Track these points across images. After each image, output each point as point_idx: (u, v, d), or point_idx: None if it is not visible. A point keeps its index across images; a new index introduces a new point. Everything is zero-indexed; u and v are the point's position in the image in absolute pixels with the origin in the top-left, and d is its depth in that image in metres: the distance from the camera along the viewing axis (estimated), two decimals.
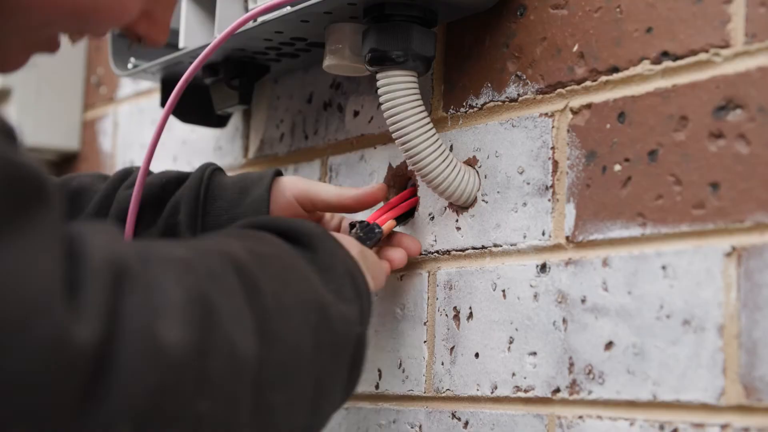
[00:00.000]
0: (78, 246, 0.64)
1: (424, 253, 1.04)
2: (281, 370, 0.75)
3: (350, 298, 0.84)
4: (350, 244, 0.92)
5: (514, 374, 0.93)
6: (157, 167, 1.09)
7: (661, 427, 0.83)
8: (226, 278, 0.73)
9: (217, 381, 0.68)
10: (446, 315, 1.00)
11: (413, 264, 1.05)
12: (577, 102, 0.92)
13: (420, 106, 0.98)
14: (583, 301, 0.89)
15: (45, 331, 0.59)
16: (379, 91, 0.98)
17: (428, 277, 1.03)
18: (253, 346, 0.72)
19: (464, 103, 1.02)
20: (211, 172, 1.05)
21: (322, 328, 0.79)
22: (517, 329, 0.94)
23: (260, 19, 1.03)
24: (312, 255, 0.84)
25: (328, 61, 1.03)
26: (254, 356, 0.71)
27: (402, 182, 1.08)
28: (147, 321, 0.65)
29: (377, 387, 1.06)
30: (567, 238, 0.91)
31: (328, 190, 1.03)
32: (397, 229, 1.05)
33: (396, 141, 0.99)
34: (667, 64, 0.86)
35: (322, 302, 0.81)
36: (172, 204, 1.04)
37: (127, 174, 1.08)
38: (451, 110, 1.03)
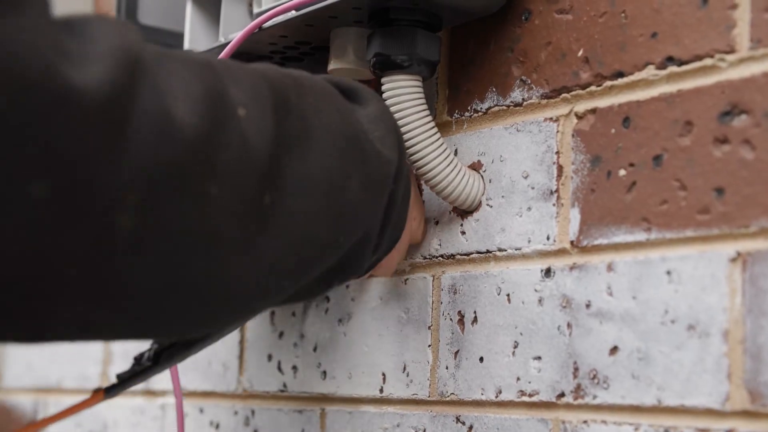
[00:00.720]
0: (83, 26, 0.63)
1: (428, 257, 1.04)
2: (298, 179, 0.74)
3: (391, 146, 0.84)
4: None
5: (518, 379, 0.93)
6: None
7: None
8: (251, 85, 0.73)
9: (227, 170, 0.68)
10: (451, 319, 1.00)
11: (418, 268, 1.05)
12: (581, 107, 0.92)
13: (425, 110, 0.98)
14: (587, 305, 0.89)
15: (50, 84, 0.59)
16: (384, 96, 0.98)
17: (433, 281, 1.03)
18: (268, 148, 0.71)
19: (469, 108, 1.02)
20: None
21: (351, 155, 0.78)
22: (521, 334, 0.94)
23: (264, 24, 1.03)
24: (361, 106, 0.85)
25: (332, 65, 1.03)
26: (268, 156, 0.71)
27: None
28: (161, 99, 0.64)
29: (381, 391, 1.06)
30: (572, 242, 0.91)
31: None
32: None
33: None
34: (672, 69, 0.86)
35: (356, 134, 0.80)
36: None
37: None
38: (455, 114, 1.03)
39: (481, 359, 0.97)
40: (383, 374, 1.06)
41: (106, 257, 0.65)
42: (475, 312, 0.98)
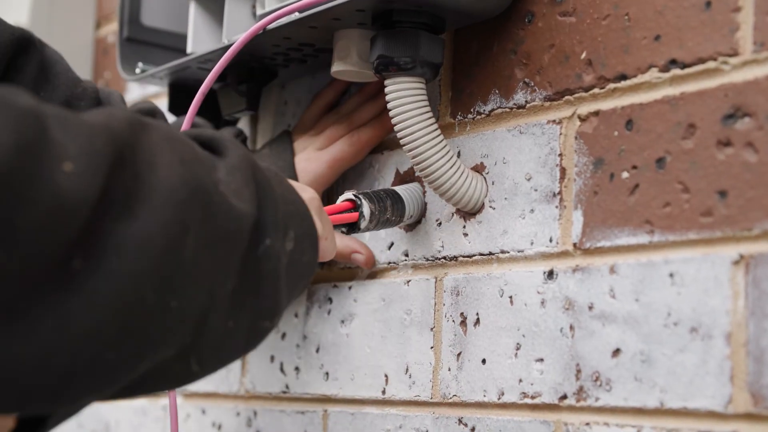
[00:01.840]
0: None
1: (431, 258, 1.04)
2: (123, 241, 0.65)
3: (248, 199, 0.74)
4: (301, 187, 0.84)
5: (521, 380, 0.94)
6: None
7: None
8: (87, 136, 0.64)
9: (27, 232, 0.60)
10: (453, 321, 1.01)
11: (420, 270, 1.05)
12: (584, 109, 0.92)
13: (428, 112, 0.98)
14: (590, 308, 0.89)
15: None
16: (387, 98, 0.98)
17: (435, 282, 1.03)
18: (88, 210, 0.63)
19: (472, 110, 1.02)
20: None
21: (192, 210, 0.69)
22: (524, 335, 0.94)
23: (268, 26, 1.03)
24: (220, 157, 0.76)
25: (336, 67, 1.03)
26: (84, 219, 0.63)
27: None
28: None
29: (384, 392, 1.06)
30: (574, 244, 0.91)
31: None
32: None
33: (404, 147, 0.99)
34: (675, 71, 0.86)
35: (203, 187, 0.70)
36: None
37: None
38: (458, 116, 1.03)
39: (484, 361, 0.97)
40: (386, 376, 1.06)
41: None
42: (477, 314, 0.98)
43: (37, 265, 0.61)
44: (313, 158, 1.11)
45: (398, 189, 1.05)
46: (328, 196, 1.15)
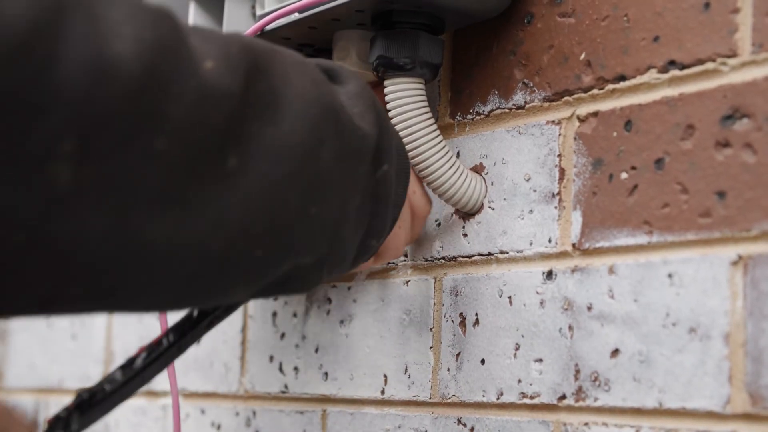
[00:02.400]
0: None
1: (430, 259, 1.04)
2: (268, 143, 0.68)
3: (370, 122, 0.80)
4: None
5: (519, 381, 0.94)
6: None
7: None
8: (223, 42, 0.67)
9: (177, 124, 0.62)
10: (452, 321, 1.01)
11: (419, 270, 1.05)
12: (584, 110, 0.92)
13: (427, 112, 0.99)
14: (589, 308, 0.89)
15: None
16: (387, 98, 0.98)
17: (434, 283, 1.03)
18: (233, 108, 0.65)
19: (471, 110, 1.02)
20: None
21: (324, 124, 0.73)
22: (523, 336, 0.94)
23: (268, 26, 1.03)
24: (341, 84, 0.81)
25: None
26: (230, 116, 0.65)
27: None
28: (96, 37, 0.58)
29: (383, 392, 1.06)
30: (573, 245, 0.92)
31: None
32: None
33: None
34: (674, 72, 0.86)
35: (332, 104, 0.75)
36: None
37: None
38: (457, 117, 1.03)
39: (483, 361, 0.97)
40: (385, 376, 1.07)
41: (48, 216, 0.59)
42: (476, 314, 0.99)
43: (195, 152, 0.64)
44: None
45: None
46: None
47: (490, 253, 0.98)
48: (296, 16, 1.00)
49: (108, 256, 0.63)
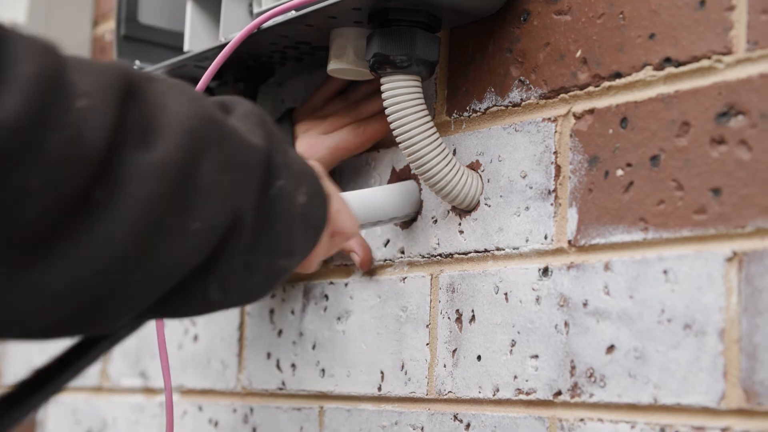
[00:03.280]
0: None
1: (427, 256, 1.04)
2: (141, 168, 0.68)
3: (259, 135, 0.77)
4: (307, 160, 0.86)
5: (516, 377, 0.94)
6: None
7: (662, 431, 0.83)
8: (98, 72, 0.68)
9: (51, 162, 0.64)
10: (449, 318, 1.01)
11: (416, 267, 1.05)
12: (579, 107, 0.93)
13: (423, 110, 0.99)
14: (584, 304, 0.90)
15: None
16: (383, 96, 0.99)
17: (431, 279, 1.04)
18: (106, 140, 0.66)
19: (467, 108, 1.02)
20: None
21: (204, 136, 0.72)
22: (519, 332, 0.94)
23: (264, 24, 1.03)
24: (230, 114, 0.79)
25: (332, 65, 1.04)
26: (103, 149, 0.66)
27: None
28: None
29: (380, 389, 1.07)
30: (569, 242, 0.92)
31: None
32: None
33: (399, 145, 0.99)
34: (670, 70, 0.86)
35: (212, 117, 0.73)
36: None
37: None
38: (454, 114, 1.04)
39: (479, 358, 0.98)
40: (381, 372, 1.07)
41: None
42: (473, 311, 0.99)
43: (62, 194, 0.65)
44: (315, 142, 1.11)
45: (390, 186, 1.05)
46: None
47: (486, 250, 0.99)
48: (293, 13, 1.01)
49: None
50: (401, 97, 0.98)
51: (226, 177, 0.73)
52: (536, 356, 0.93)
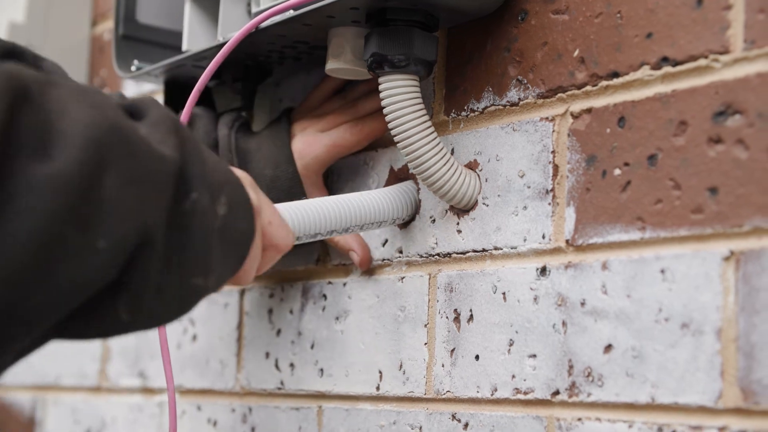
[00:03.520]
0: None
1: (425, 255, 1.04)
2: (37, 179, 0.63)
3: (172, 146, 0.73)
4: (233, 169, 0.81)
5: (513, 376, 0.94)
6: None
7: (660, 430, 0.83)
8: None
9: None
10: (447, 317, 1.01)
11: (414, 266, 1.05)
12: (577, 106, 0.93)
13: (421, 109, 0.99)
14: (582, 304, 0.90)
15: None
16: (381, 95, 0.99)
17: (429, 279, 1.04)
18: None
19: (465, 107, 1.02)
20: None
21: (108, 148, 0.67)
22: (517, 332, 0.94)
23: (263, 24, 1.03)
24: (141, 121, 0.74)
25: (330, 65, 1.04)
26: None
27: None
28: None
29: (378, 388, 1.07)
30: (567, 241, 0.92)
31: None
32: None
33: (397, 144, 0.99)
34: (667, 69, 0.86)
35: (118, 127, 0.68)
36: None
37: None
38: (452, 114, 1.04)
39: (477, 357, 0.98)
40: (380, 372, 1.07)
41: None
42: (471, 310, 0.99)
43: None
44: (312, 140, 1.11)
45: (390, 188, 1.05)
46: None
47: (484, 250, 0.99)
48: (291, 13, 1.01)
49: None
50: (399, 96, 0.98)
51: (132, 191, 0.68)
52: (534, 356, 0.93)
